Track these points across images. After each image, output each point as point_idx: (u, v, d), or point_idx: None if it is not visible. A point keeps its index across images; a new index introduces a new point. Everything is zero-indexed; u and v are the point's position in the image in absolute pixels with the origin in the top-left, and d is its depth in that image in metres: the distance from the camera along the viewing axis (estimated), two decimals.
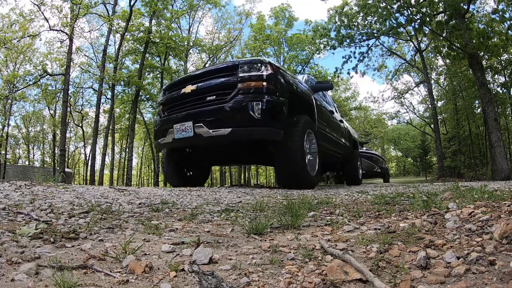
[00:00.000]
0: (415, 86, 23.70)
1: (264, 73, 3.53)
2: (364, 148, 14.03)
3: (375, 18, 11.76)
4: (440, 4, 10.83)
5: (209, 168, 5.45)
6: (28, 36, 15.46)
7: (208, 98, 3.63)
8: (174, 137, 3.79)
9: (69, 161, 28.57)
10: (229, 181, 29.61)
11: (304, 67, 20.63)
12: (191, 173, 4.82)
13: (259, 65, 3.57)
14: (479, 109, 16.56)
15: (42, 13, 14.33)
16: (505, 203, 1.52)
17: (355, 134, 8.03)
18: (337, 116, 6.46)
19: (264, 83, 3.48)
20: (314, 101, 4.62)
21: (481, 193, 2.04)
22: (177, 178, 4.60)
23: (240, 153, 4.44)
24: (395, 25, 11.72)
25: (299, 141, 3.72)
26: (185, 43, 18.38)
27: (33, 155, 29.56)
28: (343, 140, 6.36)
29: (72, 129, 25.72)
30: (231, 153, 4.47)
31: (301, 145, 3.75)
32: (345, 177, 7.56)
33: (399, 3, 11.12)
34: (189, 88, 3.80)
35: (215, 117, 3.48)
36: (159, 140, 4.11)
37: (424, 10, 10.75)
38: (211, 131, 3.47)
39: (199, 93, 3.72)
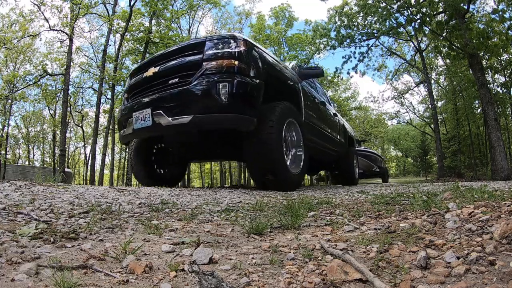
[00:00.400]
0: (415, 86, 23.72)
1: (235, 50, 3.01)
2: (362, 147, 13.96)
3: (375, 18, 11.77)
4: (440, 4, 10.84)
5: (185, 165, 4.79)
6: (28, 36, 15.47)
7: (171, 81, 3.14)
8: (134, 128, 3.31)
9: (69, 161, 28.58)
10: (229, 181, 29.61)
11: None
12: (163, 170, 4.32)
13: (231, 41, 3.06)
14: (479, 109, 16.57)
15: (42, 13, 14.36)
16: (505, 203, 1.52)
17: (352, 130, 7.59)
18: (331, 109, 5.94)
19: (235, 62, 2.96)
20: (300, 88, 4.09)
21: (481, 193, 2.04)
22: (146, 176, 4.11)
23: (212, 147, 3.89)
24: (395, 25, 11.73)
25: (276, 131, 3.18)
26: None
27: (33, 155, 29.60)
28: (338, 136, 5.86)
29: (72, 129, 25.75)
30: (203, 146, 3.91)
31: (278, 136, 3.21)
32: (340, 177, 7.04)
33: (399, 3, 11.12)
34: (151, 71, 3.32)
35: (175, 103, 3.00)
36: (121, 132, 3.64)
37: (424, 10, 10.76)
38: (170, 119, 2.98)
39: (161, 75, 3.24)
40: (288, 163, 3.50)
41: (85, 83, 20.00)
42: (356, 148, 8.45)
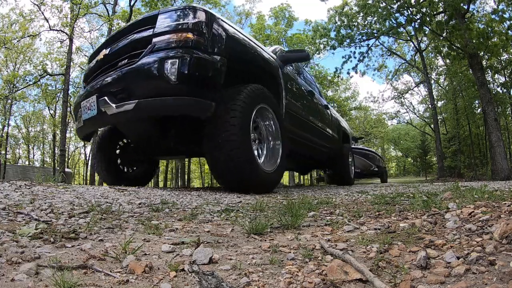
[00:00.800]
0: (415, 86, 23.78)
1: (191, 21, 2.56)
2: (360, 146, 13.81)
3: (375, 18, 11.79)
4: (440, 4, 10.85)
5: (153, 163, 4.29)
6: (28, 36, 15.49)
7: (120, 63, 2.76)
8: (83, 119, 2.97)
9: (69, 161, 28.58)
10: None
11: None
12: (131, 169, 3.94)
13: (188, 12, 2.61)
14: (479, 109, 16.59)
15: (42, 13, 14.37)
16: (505, 203, 1.52)
17: (347, 126, 7.07)
18: (322, 100, 5.38)
19: (189, 35, 2.50)
20: (281, 73, 3.58)
21: (481, 193, 2.04)
22: (111, 175, 3.71)
23: (173, 140, 3.29)
24: (395, 25, 11.75)
25: (240, 118, 2.63)
26: None
27: (33, 155, 29.64)
28: (329, 130, 5.36)
29: (72, 129, 25.69)
30: (163, 140, 3.28)
31: (243, 124, 2.66)
32: (334, 176, 6.48)
33: (399, 3, 11.14)
34: (102, 54, 2.99)
35: (121, 87, 2.60)
36: (76, 126, 3.28)
37: (424, 10, 10.77)
38: (114, 106, 2.56)
39: (112, 58, 2.88)
40: (262, 159, 3.05)
41: None
42: (353, 146, 8.20)
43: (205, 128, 2.74)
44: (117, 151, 3.86)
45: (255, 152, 2.93)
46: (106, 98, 2.63)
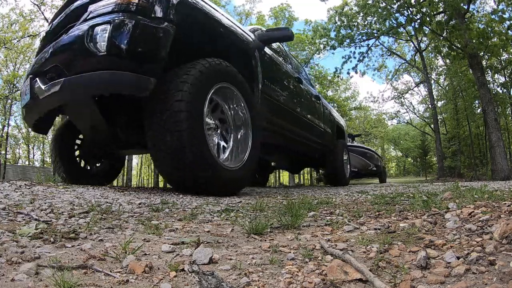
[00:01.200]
0: (415, 86, 23.82)
1: None
2: (359, 144, 13.68)
3: (375, 18, 11.80)
4: (440, 4, 10.86)
5: (118, 158, 3.76)
6: (28, 36, 15.52)
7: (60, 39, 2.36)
8: (21, 106, 2.65)
9: None
10: None
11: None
12: (93, 166, 3.52)
13: None
14: (479, 109, 16.60)
15: (42, 13, 14.39)
16: (505, 203, 1.52)
17: (342, 120, 6.61)
18: (312, 90, 4.88)
19: None
20: (258, 54, 3.14)
21: (481, 193, 2.04)
22: (71, 174, 3.22)
23: (124, 130, 2.78)
24: (395, 25, 11.77)
25: (190, 100, 2.13)
26: None
27: (33, 155, 29.60)
28: (321, 123, 4.91)
29: None
30: (114, 130, 2.75)
31: (193, 107, 2.16)
32: (328, 175, 5.93)
33: (399, 3, 11.15)
34: (44, 32, 2.71)
35: (52, 65, 2.23)
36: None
37: (424, 10, 10.78)
38: (44, 88, 2.20)
39: (52, 35, 2.56)
40: (226, 152, 2.62)
41: None
42: (350, 144, 7.97)
43: (146, 112, 2.27)
44: (76, 146, 3.41)
45: (220, 143, 2.57)
46: (38, 79, 2.29)
